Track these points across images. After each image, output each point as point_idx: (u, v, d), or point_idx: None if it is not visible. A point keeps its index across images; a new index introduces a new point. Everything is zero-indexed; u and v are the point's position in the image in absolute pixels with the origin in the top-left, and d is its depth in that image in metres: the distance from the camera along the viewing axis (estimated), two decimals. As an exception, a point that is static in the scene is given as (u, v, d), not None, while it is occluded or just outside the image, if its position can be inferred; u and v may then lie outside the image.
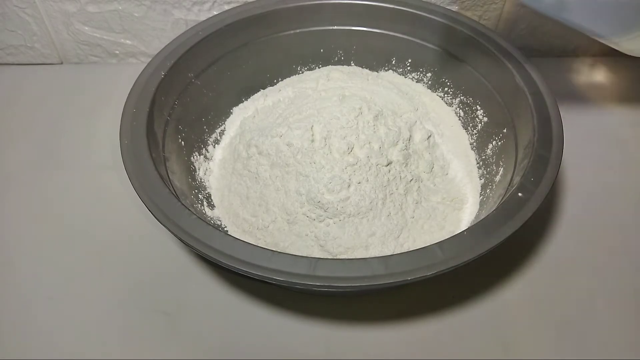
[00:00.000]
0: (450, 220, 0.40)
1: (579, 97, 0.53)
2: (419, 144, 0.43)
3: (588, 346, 0.36)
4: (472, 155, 0.44)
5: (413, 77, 0.49)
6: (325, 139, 0.39)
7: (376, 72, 0.50)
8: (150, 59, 0.41)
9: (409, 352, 0.36)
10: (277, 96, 0.48)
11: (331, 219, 0.37)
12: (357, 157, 0.39)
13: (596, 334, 0.37)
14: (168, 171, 0.37)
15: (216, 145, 0.45)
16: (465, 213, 0.40)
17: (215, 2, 0.52)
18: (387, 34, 0.47)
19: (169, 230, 0.31)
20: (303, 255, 0.30)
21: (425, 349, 0.36)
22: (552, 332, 0.37)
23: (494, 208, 0.34)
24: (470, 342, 0.36)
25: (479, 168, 0.43)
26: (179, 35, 0.43)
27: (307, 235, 0.37)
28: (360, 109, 0.41)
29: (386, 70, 0.50)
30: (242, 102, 0.48)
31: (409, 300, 0.38)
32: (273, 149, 0.40)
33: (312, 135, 0.39)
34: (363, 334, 0.37)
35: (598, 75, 0.56)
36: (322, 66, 0.50)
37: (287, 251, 0.37)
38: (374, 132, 0.40)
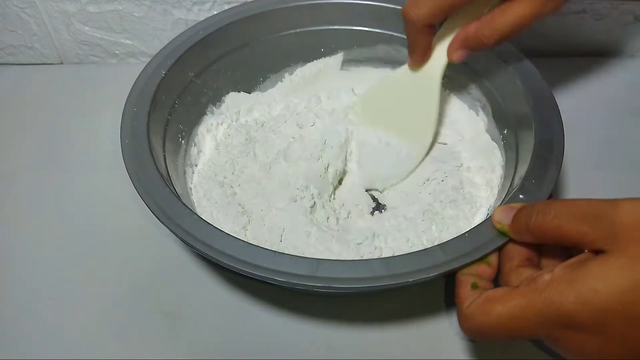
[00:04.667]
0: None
1: (579, 97, 0.53)
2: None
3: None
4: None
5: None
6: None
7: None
8: (150, 59, 0.41)
9: (409, 352, 0.36)
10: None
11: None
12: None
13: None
14: (169, 171, 0.37)
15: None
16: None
17: (215, 2, 0.52)
18: (387, 34, 0.47)
19: (170, 230, 0.31)
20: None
21: (425, 349, 0.36)
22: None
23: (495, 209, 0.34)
24: (471, 341, 0.36)
25: (480, 168, 0.43)
26: (179, 35, 0.43)
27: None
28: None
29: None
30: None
31: (409, 300, 0.38)
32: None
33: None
34: (363, 334, 0.37)
35: (598, 75, 0.56)
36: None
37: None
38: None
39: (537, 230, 0.28)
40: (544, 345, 0.35)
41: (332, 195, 0.42)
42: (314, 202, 0.39)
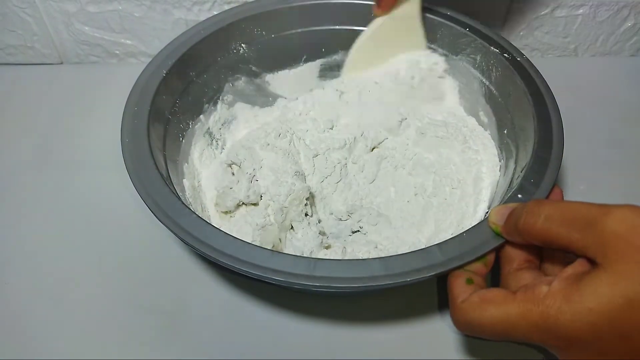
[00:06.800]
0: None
1: (579, 97, 0.53)
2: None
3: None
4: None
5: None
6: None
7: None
8: (150, 59, 0.41)
9: (409, 352, 0.36)
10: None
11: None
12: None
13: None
14: (169, 170, 0.37)
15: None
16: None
17: (215, 2, 0.52)
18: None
19: (170, 230, 0.31)
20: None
21: (425, 349, 0.36)
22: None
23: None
24: (471, 342, 0.36)
25: (479, 168, 0.43)
26: (180, 35, 0.43)
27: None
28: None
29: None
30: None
31: (409, 300, 0.38)
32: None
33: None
34: (363, 334, 0.37)
35: (598, 75, 0.56)
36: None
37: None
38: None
39: (526, 231, 0.28)
40: (538, 347, 0.35)
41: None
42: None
